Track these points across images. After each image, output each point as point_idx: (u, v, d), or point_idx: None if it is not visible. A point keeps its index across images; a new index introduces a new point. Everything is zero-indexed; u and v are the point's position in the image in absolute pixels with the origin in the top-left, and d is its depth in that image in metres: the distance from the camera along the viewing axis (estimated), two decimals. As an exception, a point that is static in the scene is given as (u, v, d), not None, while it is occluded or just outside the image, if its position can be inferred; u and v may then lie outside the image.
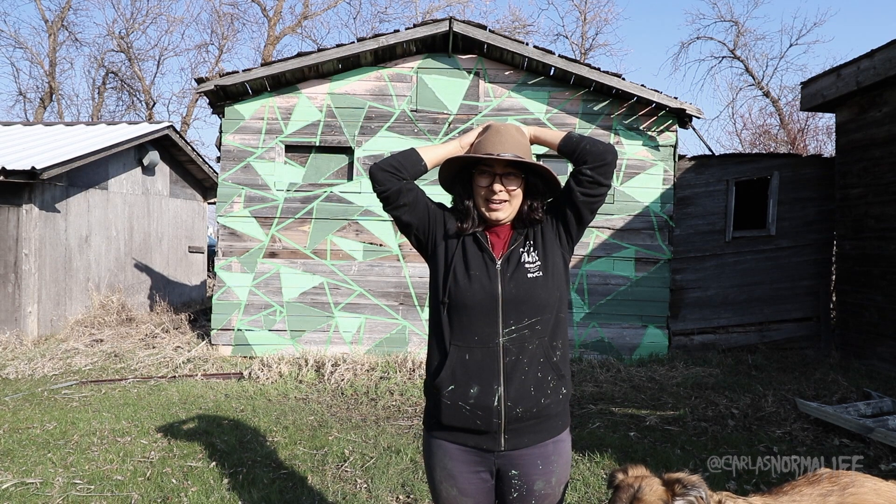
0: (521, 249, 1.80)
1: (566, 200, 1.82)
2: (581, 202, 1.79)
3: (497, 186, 1.77)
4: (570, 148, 1.83)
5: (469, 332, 1.76)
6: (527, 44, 7.15)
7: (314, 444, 4.36)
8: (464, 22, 7.08)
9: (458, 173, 1.89)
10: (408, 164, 1.84)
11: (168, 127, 10.77)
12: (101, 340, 7.70)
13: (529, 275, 1.76)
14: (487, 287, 1.75)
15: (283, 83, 7.42)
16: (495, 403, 1.73)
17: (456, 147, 1.89)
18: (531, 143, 1.90)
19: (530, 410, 1.75)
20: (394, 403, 5.55)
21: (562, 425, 1.84)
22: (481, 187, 1.80)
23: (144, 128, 10.55)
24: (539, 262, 1.78)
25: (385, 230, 7.40)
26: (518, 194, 1.81)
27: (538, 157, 7.51)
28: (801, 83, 8.06)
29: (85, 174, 8.98)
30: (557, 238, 1.84)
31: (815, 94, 7.73)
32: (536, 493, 1.79)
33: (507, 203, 1.80)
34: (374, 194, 1.88)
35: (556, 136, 1.88)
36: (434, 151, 1.89)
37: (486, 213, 1.81)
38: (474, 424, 1.76)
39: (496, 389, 1.73)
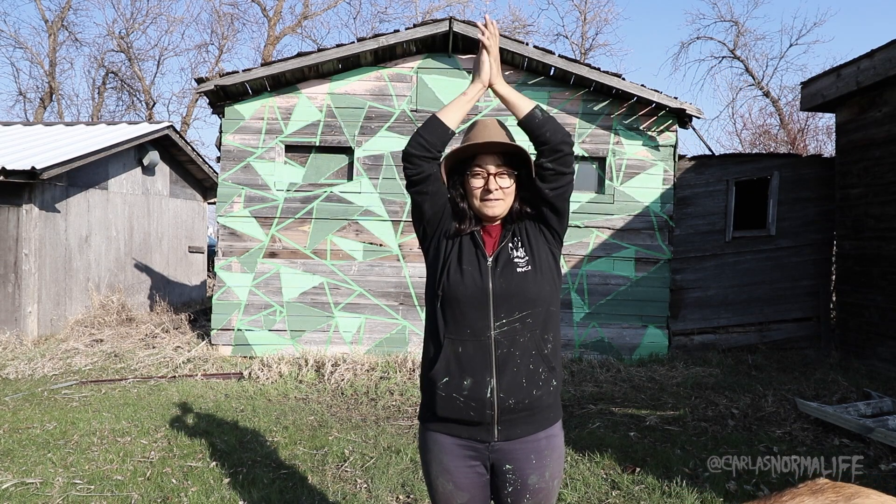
0: (510, 245, 1.84)
1: (538, 199, 1.85)
2: (552, 197, 1.83)
3: (492, 185, 1.82)
4: (533, 125, 1.80)
5: (462, 326, 1.80)
6: (527, 44, 7.15)
7: (314, 444, 4.36)
8: (464, 22, 7.08)
9: (450, 175, 1.93)
10: (435, 135, 1.82)
11: (168, 127, 10.77)
12: (101, 340, 7.70)
13: (519, 269, 1.81)
14: (479, 282, 1.80)
15: (283, 83, 7.42)
16: (488, 395, 1.77)
17: (476, 90, 1.83)
18: (499, 95, 1.86)
19: (522, 402, 1.79)
20: (394, 403, 5.55)
21: (553, 417, 1.87)
22: (475, 188, 1.85)
23: (144, 128, 10.55)
24: (527, 257, 1.83)
25: (385, 230, 7.40)
26: (512, 191, 1.86)
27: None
28: (801, 83, 8.06)
29: (85, 174, 8.98)
30: (542, 234, 1.88)
31: (815, 94, 7.72)
32: (531, 488, 1.83)
33: (501, 200, 1.85)
34: (404, 177, 1.90)
35: (523, 103, 1.83)
36: (455, 108, 1.84)
37: (484, 210, 1.85)
38: (468, 416, 1.79)
39: (489, 381, 1.77)
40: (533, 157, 1.87)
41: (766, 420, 4.96)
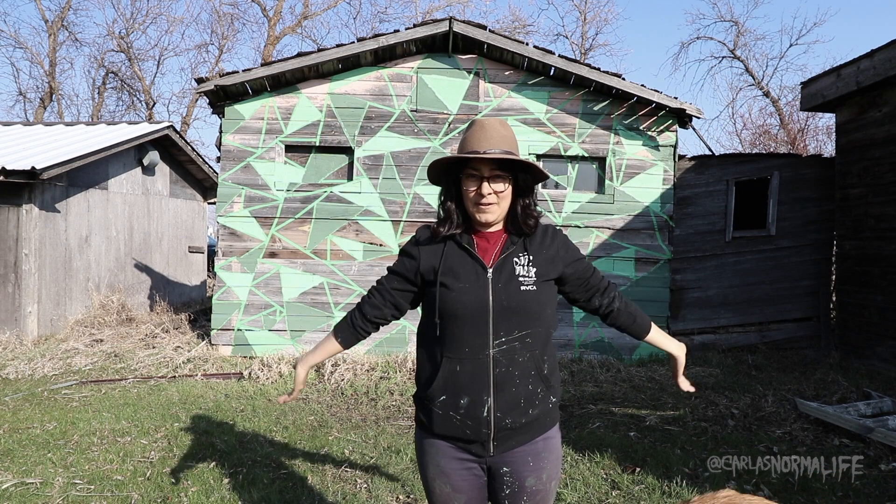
0: (516, 259, 1.77)
1: (587, 293, 1.93)
2: (585, 308, 1.98)
3: (485, 189, 1.72)
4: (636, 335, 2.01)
5: (460, 344, 1.74)
6: (527, 44, 7.15)
7: (314, 444, 4.36)
8: (464, 22, 7.08)
9: (443, 175, 1.85)
10: (346, 342, 1.94)
11: (168, 127, 10.77)
12: (101, 340, 7.70)
13: (523, 287, 1.74)
14: (478, 296, 1.73)
15: (283, 83, 7.42)
16: (485, 414, 1.74)
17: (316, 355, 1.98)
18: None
19: (519, 421, 1.76)
20: (394, 403, 5.55)
21: (550, 422, 1.85)
22: (470, 191, 1.75)
23: (144, 128, 10.55)
24: (534, 279, 1.77)
25: (385, 230, 7.40)
26: (507, 195, 1.77)
27: (538, 157, 7.52)
28: (801, 83, 8.05)
29: (85, 174, 8.98)
30: (559, 280, 1.88)
31: (815, 94, 7.72)
32: (528, 490, 1.81)
33: (495, 205, 1.75)
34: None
35: (658, 343, 2.01)
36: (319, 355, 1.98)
37: (477, 216, 1.77)
38: (464, 434, 1.77)
39: (486, 400, 1.74)
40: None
41: (766, 420, 4.96)
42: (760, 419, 4.98)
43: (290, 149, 7.55)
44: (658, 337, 1.97)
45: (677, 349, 1.97)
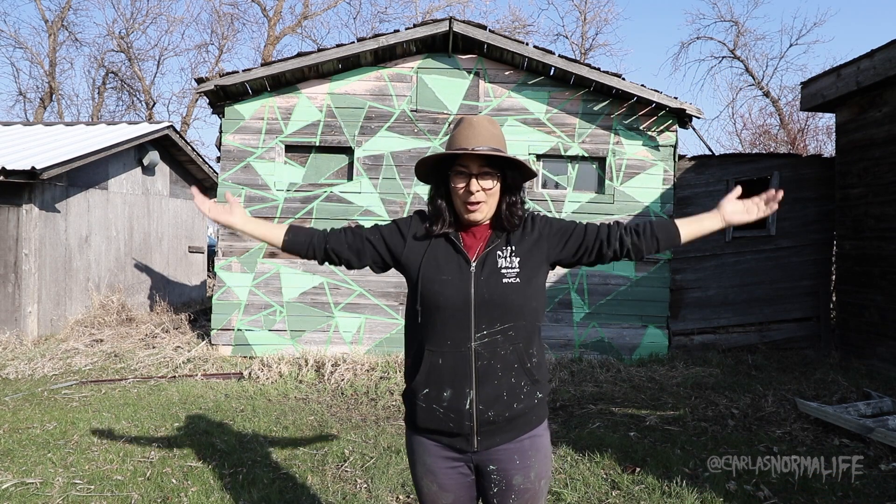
0: (499, 253, 1.76)
1: (593, 252, 1.84)
2: (608, 261, 1.87)
3: (474, 186, 1.72)
4: (668, 246, 1.91)
5: (442, 337, 1.75)
6: (527, 44, 7.15)
7: (314, 444, 4.36)
8: (464, 22, 7.08)
9: (432, 172, 1.85)
10: (292, 250, 1.92)
11: (168, 127, 10.77)
12: (101, 340, 7.70)
13: (505, 280, 1.73)
14: (460, 289, 1.73)
15: (283, 83, 7.42)
16: (466, 406, 1.74)
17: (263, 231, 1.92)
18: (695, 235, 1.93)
19: (502, 415, 1.75)
20: (394, 403, 5.55)
21: (536, 420, 1.82)
22: (458, 188, 1.75)
23: (144, 128, 10.55)
24: (517, 270, 1.75)
25: (385, 230, 7.39)
26: (495, 193, 1.76)
27: (538, 157, 7.52)
28: (801, 83, 8.06)
29: (85, 174, 8.98)
30: (547, 260, 1.82)
31: (815, 94, 7.72)
32: (516, 488, 1.80)
33: (484, 203, 1.75)
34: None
35: (695, 233, 1.93)
36: (264, 236, 1.92)
37: (465, 215, 1.77)
38: (447, 427, 1.77)
39: (468, 393, 1.74)
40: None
41: (766, 420, 4.96)
42: (760, 419, 4.98)
43: (290, 149, 7.55)
44: (693, 227, 1.88)
45: (719, 216, 1.90)
